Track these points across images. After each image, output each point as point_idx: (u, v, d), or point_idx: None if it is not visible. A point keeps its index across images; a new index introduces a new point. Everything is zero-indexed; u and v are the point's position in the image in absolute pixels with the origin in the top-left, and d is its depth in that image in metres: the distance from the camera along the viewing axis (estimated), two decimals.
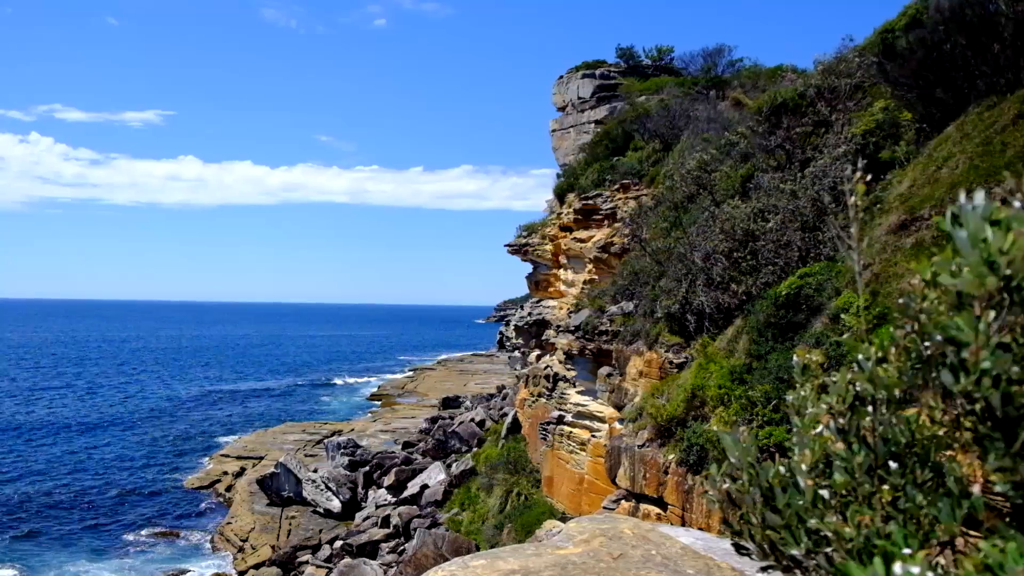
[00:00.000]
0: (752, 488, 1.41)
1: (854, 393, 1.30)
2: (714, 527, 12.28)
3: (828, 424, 1.34)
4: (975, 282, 1.06)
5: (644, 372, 18.70)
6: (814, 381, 1.45)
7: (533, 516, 25.57)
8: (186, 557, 34.17)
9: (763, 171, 18.91)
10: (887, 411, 1.26)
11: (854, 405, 1.30)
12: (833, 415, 1.31)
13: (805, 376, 1.49)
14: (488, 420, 44.97)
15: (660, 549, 3.48)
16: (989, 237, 1.06)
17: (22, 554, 33.64)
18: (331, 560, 30.70)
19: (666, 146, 28.90)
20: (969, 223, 1.09)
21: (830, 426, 1.33)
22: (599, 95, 37.12)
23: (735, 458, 1.47)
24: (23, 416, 65.30)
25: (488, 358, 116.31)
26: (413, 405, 72.45)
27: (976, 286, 1.05)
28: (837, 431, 1.30)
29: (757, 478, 1.41)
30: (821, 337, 12.17)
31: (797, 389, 1.47)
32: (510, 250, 36.72)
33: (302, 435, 56.20)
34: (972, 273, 1.05)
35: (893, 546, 1.11)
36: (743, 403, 13.06)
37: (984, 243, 1.05)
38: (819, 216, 15.69)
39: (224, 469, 47.25)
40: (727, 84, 33.33)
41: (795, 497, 1.36)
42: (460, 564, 3.23)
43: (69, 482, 44.89)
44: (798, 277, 14.03)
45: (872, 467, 1.25)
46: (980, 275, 1.05)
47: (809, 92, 18.56)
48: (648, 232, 22.19)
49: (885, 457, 1.25)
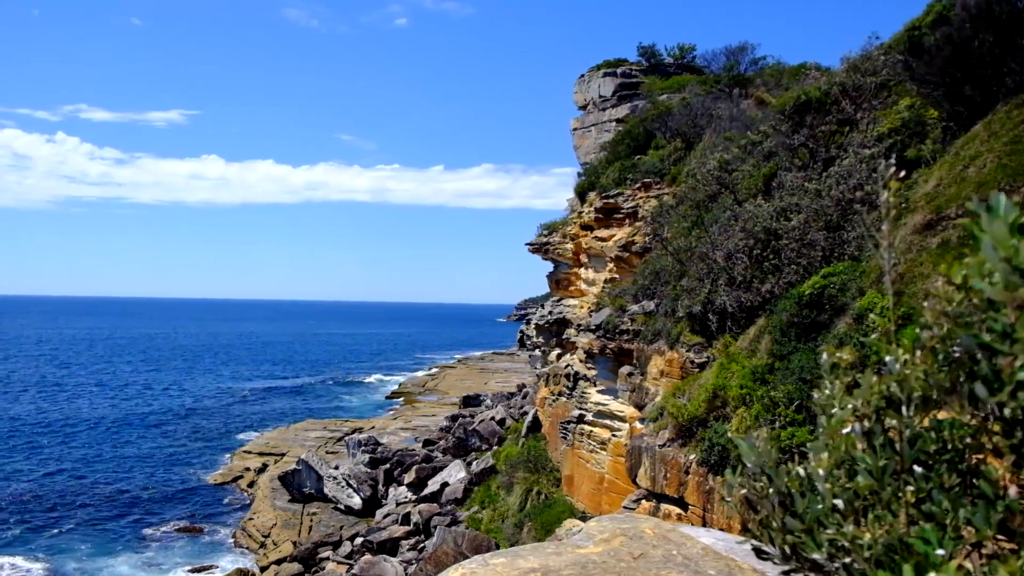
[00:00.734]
0: (770, 492, 1.40)
1: (882, 395, 1.29)
2: (735, 528, 12.21)
3: (853, 426, 1.32)
4: (1006, 292, 1.04)
5: (665, 371, 18.62)
6: (843, 380, 1.43)
7: (553, 515, 25.55)
8: (208, 552, 34.49)
9: (786, 170, 18.75)
10: (915, 414, 1.25)
11: (880, 407, 1.28)
12: (859, 417, 1.30)
13: (834, 375, 1.47)
14: (508, 418, 44.99)
15: (681, 549, 3.46)
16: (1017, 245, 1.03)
17: (48, 547, 34.12)
18: (352, 557, 30.87)
19: (688, 145, 28.74)
20: (993, 229, 1.06)
21: (855, 428, 1.31)
22: (620, 94, 36.99)
23: (751, 463, 1.46)
24: (49, 412, 66.22)
25: (509, 357, 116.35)
26: (434, 403, 72.65)
27: (1007, 295, 1.03)
28: (863, 433, 1.29)
29: (774, 482, 1.39)
30: (844, 337, 12.05)
31: (824, 388, 1.45)
32: (531, 249, 36.69)
33: (323, 432, 56.55)
34: (1002, 281, 1.03)
35: (926, 545, 1.09)
36: (765, 403, 12.96)
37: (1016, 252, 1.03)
38: (843, 215, 15.54)
39: (246, 465, 47.65)
40: (750, 82, 33.08)
41: (814, 502, 1.34)
42: (480, 562, 3.24)
43: (93, 476, 45.47)
44: (821, 277, 13.91)
45: (897, 471, 1.23)
46: (1011, 284, 1.03)
47: (833, 90, 18.39)
48: (669, 231, 22.09)
49: (911, 461, 1.24)
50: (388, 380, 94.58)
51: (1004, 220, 1.07)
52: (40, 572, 31.57)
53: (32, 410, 66.44)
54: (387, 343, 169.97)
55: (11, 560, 32.54)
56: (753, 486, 1.40)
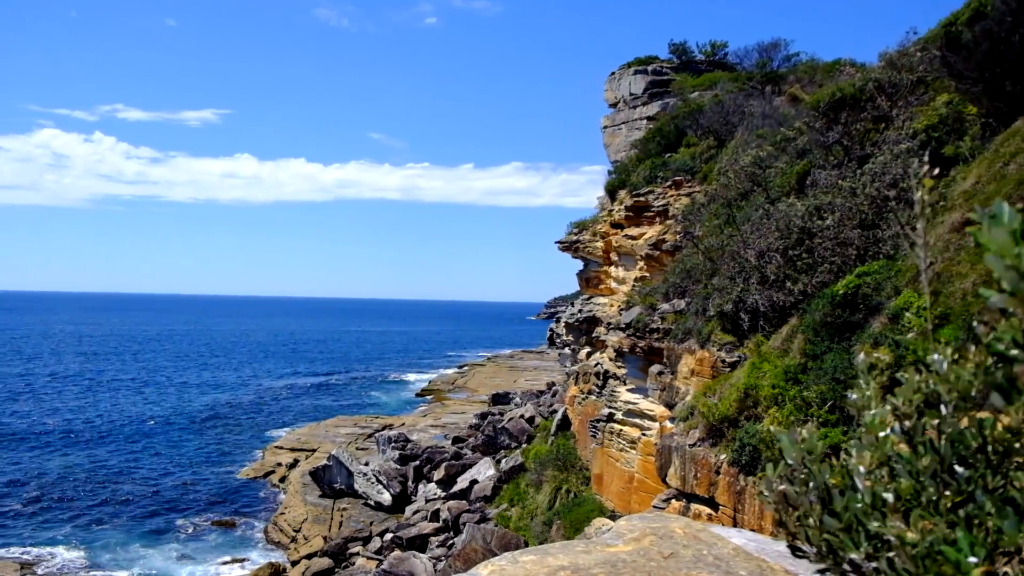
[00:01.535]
0: (809, 490, 1.38)
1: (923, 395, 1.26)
2: (766, 529, 12.10)
3: (893, 426, 1.30)
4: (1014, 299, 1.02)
5: (696, 371, 18.50)
6: (880, 380, 1.41)
7: (582, 513, 25.51)
8: (240, 546, 34.93)
9: (820, 168, 18.53)
10: (956, 414, 1.22)
11: (921, 407, 1.26)
12: (899, 417, 1.28)
13: (871, 375, 1.45)
14: (537, 417, 44.98)
15: (712, 549, 3.43)
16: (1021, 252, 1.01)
17: (86, 538, 34.80)
18: (381, 552, 31.08)
19: (719, 142, 28.51)
20: (996, 238, 1.04)
21: (895, 428, 1.29)
22: (651, 91, 36.79)
23: (792, 459, 1.44)
24: (87, 407, 67.49)
25: (538, 355, 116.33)
26: (463, 401, 72.87)
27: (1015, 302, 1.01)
28: (903, 433, 1.27)
29: (814, 479, 1.37)
30: (879, 337, 11.89)
31: (861, 388, 1.43)
32: (561, 247, 36.65)
33: (354, 428, 56.97)
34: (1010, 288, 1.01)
35: (958, 553, 1.07)
36: (798, 404, 12.83)
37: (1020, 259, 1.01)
38: (878, 214, 15.32)
39: (278, 461, 48.16)
40: (783, 79, 32.72)
41: (853, 500, 1.32)
42: (510, 559, 3.23)
43: (129, 471, 46.26)
44: (856, 276, 13.72)
45: (937, 471, 1.21)
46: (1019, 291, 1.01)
47: (869, 86, 18.12)
48: (701, 229, 21.93)
49: (951, 461, 1.21)
50: (418, 377, 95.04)
51: (1007, 228, 1.05)
52: (80, 562, 32.21)
53: (71, 406, 67.78)
54: (417, 341, 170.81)
55: (52, 550, 33.24)
56: (792, 482, 1.38)
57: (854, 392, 1.48)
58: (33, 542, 34.08)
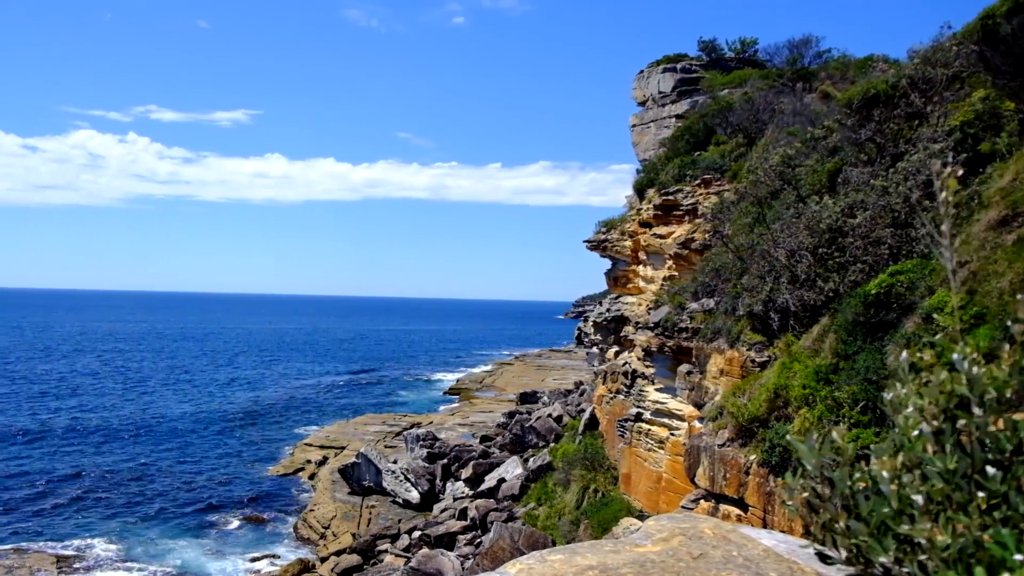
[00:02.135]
0: (833, 496, 1.37)
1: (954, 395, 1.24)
2: (797, 530, 11.99)
3: (921, 427, 1.28)
4: None
5: (725, 370, 18.36)
6: (919, 380, 1.39)
7: (610, 513, 25.44)
8: (270, 541, 35.29)
9: (852, 166, 18.29)
10: (988, 415, 1.20)
11: (949, 408, 1.24)
12: (927, 418, 1.26)
13: (912, 374, 1.42)
14: (565, 416, 44.92)
15: (741, 550, 3.41)
16: None
17: (118, 532, 35.38)
18: (409, 550, 31.23)
19: (749, 140, 28.25)
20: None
21: (923, 429, 1.28)
22: (680, 89, 36.56)
23: (811, 466, 1.43)
24: (121, 404, 68.59)
25: (566, 354, 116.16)
26: (491, 399, 72.99)
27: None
28: (932, 434, 1.25)
29: (838, 486, 1.36)
30: (913, 337, 11.72)
31: (898, 387, 1.41)
32: (589, 246, 36.56)
33: (382, 426, 57.31)
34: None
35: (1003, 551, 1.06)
36: (829, 404, 12.69)
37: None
38: (912, 212, 15.09)
39: (307, 458, 48.58)
40: (814, 76, 32.34)
41: (880, 504, 1.31)
42: (538, 558, 3.24)
43: (162, 466, 46.96)
44: (889, 275, 13.54)
45: (968, 473, 1.20)
46: None
47: (902, 83, 17.84)
48: (730, 228, 21.75)
49: (983, 463, 1.20)
50: (446, 376, 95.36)
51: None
52: (114, 555, 32.75)
53: (108, 403, 68.96)
54: (445, 339, 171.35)
55: (88, 543, 33.83)
56: (814, 489, 1.37)
57: (889, 392, 1.47)
58: (70, 536, 34.72)
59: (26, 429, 55.15)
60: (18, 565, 30.99)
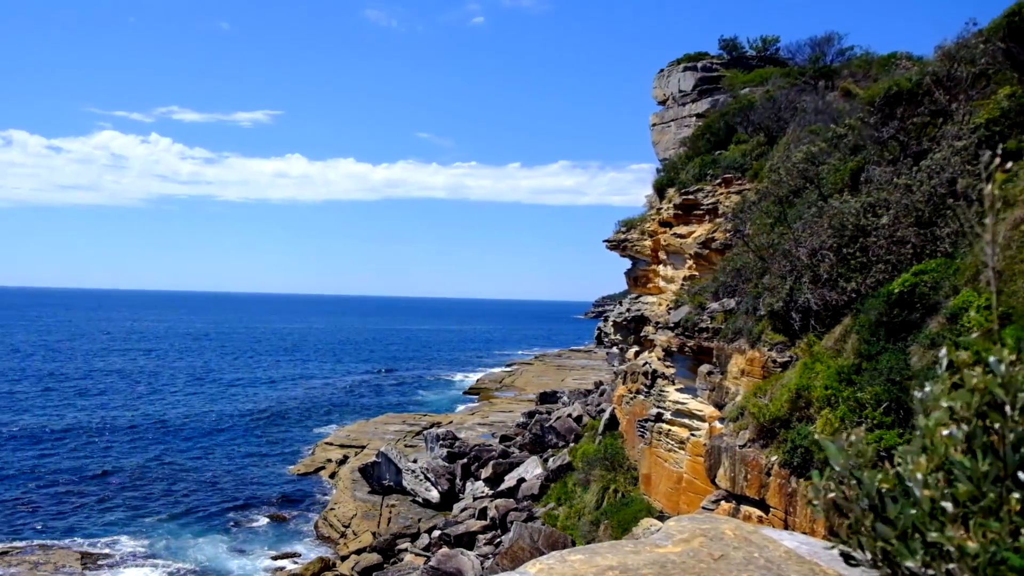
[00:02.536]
0: (860, 497, 1.34)
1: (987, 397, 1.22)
2: (819, 532, 11.89)
3: (951, 429, 1.26)
4: None
5: (746, 371, 18.25)
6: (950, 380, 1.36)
7: (630, 513, 25.36)
8: (291, 540, 35.51)
9: (875, 164, 18.11)
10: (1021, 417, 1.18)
11: (983, 410, 1.22)
12: (957, 420, 1.24)
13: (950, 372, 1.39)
14: (585, 416, 44.85)
15: (763, 552, 3.39)
16: None
17: (141, 530, 35.76)
18: (429, 549, 31.29)
19: (770, 139, 28.05)
20: None
21: (953, 431, 1.25)
22: (701, 88, 36.36)
23: (839, 466, 1.41)
24: (144, 403, 69.32)
25: (586, 353, 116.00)
26: (510, 399, 73.01)
27: None
28: (963, 436, 1.23)
29: (864, 487, 1.34)
30: (937, 337, 11.59)
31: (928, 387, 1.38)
32: (609, 246, 36.45)
33: (402, 426, 57.50)
34: None
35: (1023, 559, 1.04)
36: (851, 405, 12.56)
37: None
38: (936, 211, 14.92)
39: (328, 457, 48.84)
40: (836, 74, 32.05)
41: (908, 507, 1.29)
42: (558, 558, 3.23)
43: (185, 465, 47.40)
44: (912, 274, 13.39)
45: (999, 477, 1.17)
46: None
47: (926, 80, 17.65)
48: (751, 227, 21.60)
49: (1015, 466, 1.17)
50: (466, 376, 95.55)
51: None
52: (137, 552, 33.11)
53: (132, 403, 69.72)
54: (465, 339, 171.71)
55: (112, 540, 34.22)
56: (842, 490, 1.35)
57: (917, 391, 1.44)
58: (94, 533, 35.12)
59: (51, 428, 55.87)
60: (43, 561, 31.39)
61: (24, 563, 31.10)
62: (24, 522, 36.11)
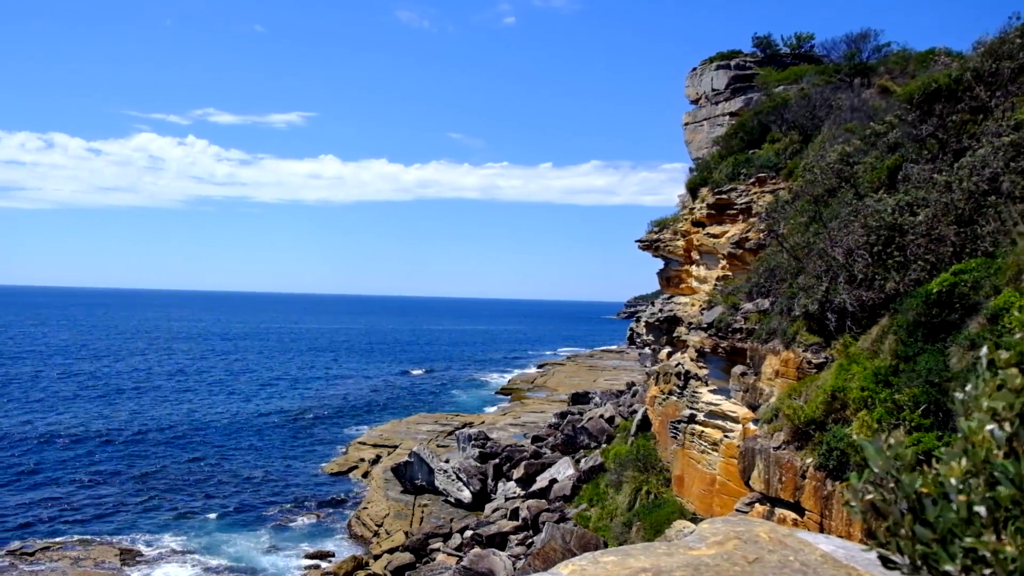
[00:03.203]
0: (899, 499, 1.32)
1: None
2: (855, 536, 11.72)
3: (992, 430, 1.23)
4: None
5: (780, 372, 18.05)
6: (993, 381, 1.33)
7: (663, 515, 25.21)
8: (324, 538, 35.84)
9: (912, 162, 17.82)
10: None
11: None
12: (999, 421, 1.21)
13: (991, 372, 1.36)
14: (617, 417, 44.67)
15: (798, 555, 3.35)
16: None
17: (178, 527, 36.35)
18: (461, 549, 31.38)
19: (805, 138, 27.72)
20: None
21: (994, 433, 1.23)
22: (734, 86, 36.04)
23: (878, 467, 1.39)
24: (183, 402, 70.41)
25: (618, 354, 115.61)
26: (542, 400, 72.98)
27: None
28: (1005, 438, 1.20)
29: (903, 489, 1.32)
30: (977, 338, 11.37)
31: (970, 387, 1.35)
32: (641, 246, 36.27)
33: (434, 426, 57.73)
34: None
35: None
36: (889, 407, 12.37)
37: None
38: (976, 209, 14.64)
39: (361, 456, 49.20)
40: (873, 71, 31.57)
41: (947, 511, 1.26)
42: (591, 559, 3.22)
43: (220, 464, 48.06)
44: (952, 274, 13.15)
45: None
46: None
47: (966, 76, 17.33)
48: (785, 227, 21.37)
49: None
50: (498, 376, 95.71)
51: None
52: (173, 548, 33.66)
53: (171, 402, 70.89)
54: (497, 339, 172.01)
55: (148, 536, 34.83)
56: (880, 492, 1.33)
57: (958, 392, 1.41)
58: (132, 530, 35.78)
59: (94, 428, 56.96)
60: (83, 556, 32.04)
61: (65, 558, 31.77)
62: (66, 519, 36.90)
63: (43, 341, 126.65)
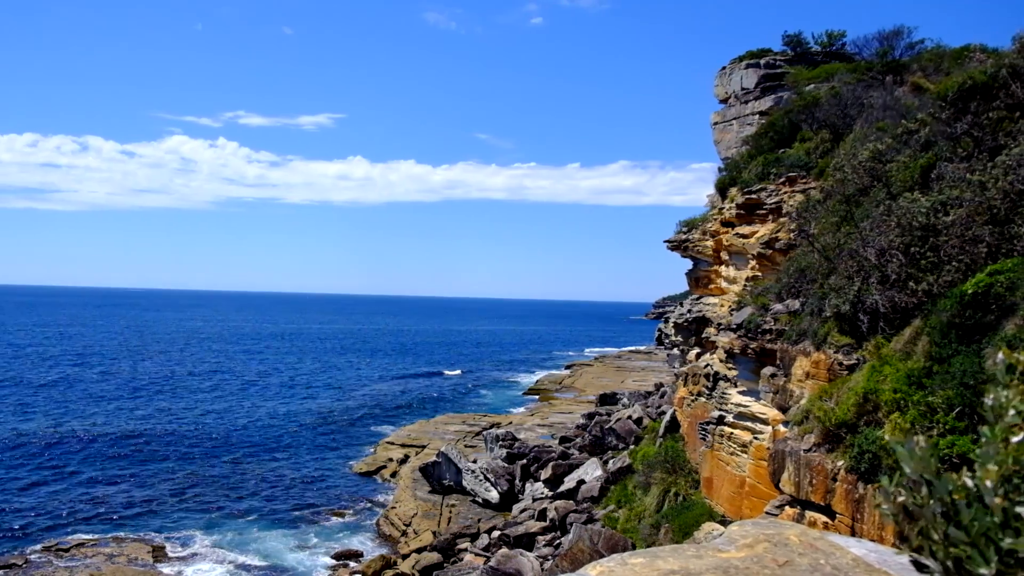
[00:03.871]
0: (932, 502, 1.31)
1: None
2: (888, 539, 11.57)
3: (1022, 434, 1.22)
4: None
5: (811, 373, 17.87)
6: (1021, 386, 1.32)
7: (691, 517, 25.06)
8: (352, 537, 36.09)
9: (947, 161, 17.55)
10: None
11: None
12: None
13: (1011, 377, 1.35)
14: (645, 418, 44.48)
15: (829, 559, 3.32)
16: None
17: (208, 525, 36.81)
18: (489, 549, 31.43)
19: (836, 136, 27.41)
20: None
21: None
22: (764, 85, 35.74)
23: (910, 470, 1.37)
24: (215, 402, 71.29)
25: (646, 355, 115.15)
26: (570, 400, 72.90)
27: None
28: None
29: (936, 491, 1.31)
30: (1014, 340, 11.17)
31: (999, 392, 1.34)
32: (669, 246, 36.09)
33: (462, 426, 57.88)
34: None
35: None
36: (922, 409, 12.20)
37: None
38: (1012, 208, 14.39)
39: (389, 456, 49.45)
40: (905, 68, 31.15)
41: (982, 514, 1.25)
42: (619, 561, 3.22)
43: (250, 463, 48.60)
44: (987, 275, 12.93)
45: None
46: None
47: (1002, 73, 17.03)
48: (816, 227, 21.15)
49: None
50: (526, 376, 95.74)
51: None
52: (204, 546, 34.10)
53: (204, 403, 71.82)
54: (525, 340, 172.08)
55: (180, 534, 35.32)
56: (913, 495, 1.32)
57: (989, 396, 1.40)
58: (164, 528, 36.30)
59: (129, 428, 57.87)
60: (117, 553, 32.56)
61: (99, 555, 32.31)
62: (100, 516, 37.54)
63: (81, 342, 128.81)
